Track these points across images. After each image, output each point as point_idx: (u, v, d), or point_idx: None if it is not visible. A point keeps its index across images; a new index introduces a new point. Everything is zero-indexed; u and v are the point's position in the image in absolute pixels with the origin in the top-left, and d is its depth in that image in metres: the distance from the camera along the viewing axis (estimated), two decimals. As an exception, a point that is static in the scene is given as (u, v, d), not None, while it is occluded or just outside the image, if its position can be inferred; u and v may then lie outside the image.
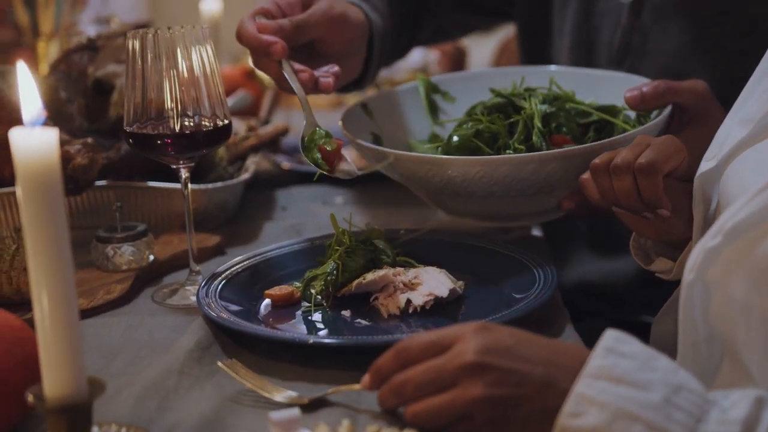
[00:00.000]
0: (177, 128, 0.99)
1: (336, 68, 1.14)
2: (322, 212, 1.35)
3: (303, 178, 1.52)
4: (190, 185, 1.05)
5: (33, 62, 2.33)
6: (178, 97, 1.00)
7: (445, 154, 1.15)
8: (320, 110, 1.68)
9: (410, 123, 1.34)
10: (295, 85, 1.09)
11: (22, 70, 0.72)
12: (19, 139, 0.65)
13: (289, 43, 1.09)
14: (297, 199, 1.46)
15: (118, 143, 1.27)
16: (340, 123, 1.22)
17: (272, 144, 1.52)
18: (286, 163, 1.56)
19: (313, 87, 1.11)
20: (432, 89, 1.35)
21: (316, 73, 1.12)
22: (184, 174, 1.04)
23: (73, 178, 1.15)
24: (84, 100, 1.35)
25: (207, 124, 1.01)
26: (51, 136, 0.66)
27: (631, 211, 0.98)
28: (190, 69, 1.00)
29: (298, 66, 1.10)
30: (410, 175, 1.13)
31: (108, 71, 1.38)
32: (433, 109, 1.35)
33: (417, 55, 2.40)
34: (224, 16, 2.55)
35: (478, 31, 1.74)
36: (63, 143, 1.17)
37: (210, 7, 1.84)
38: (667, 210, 0.95)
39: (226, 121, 1.03)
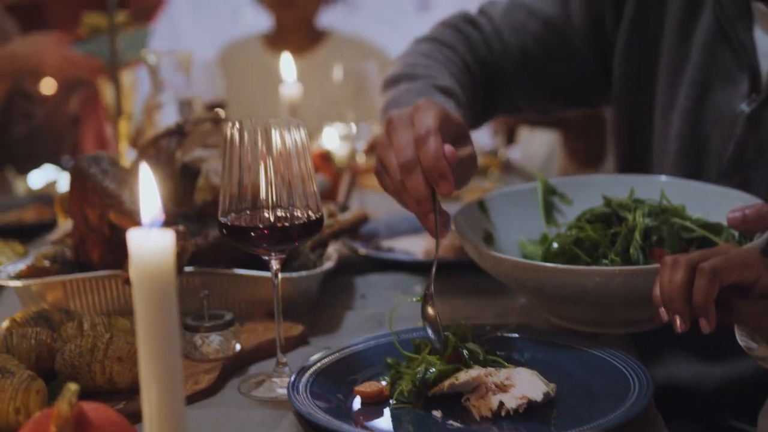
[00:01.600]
0: (271, 220, 1.00)
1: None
2: (402, 301, 1.34)
3: (381, 265, 1.52)
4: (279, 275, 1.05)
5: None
6: (274, 187, 1.01)
7: (544, 260, 1.17)
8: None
9: (525, 222, 1.34)
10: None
11: (143, 170, 0.72)
12: (137, 239, 0.66)
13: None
14: (376, 286, 1.45)
15: (206, 230, 1.28)
16: (453, 224, 1.21)
17: (351, 230, 1.53)
18: (363, 250, 1.56)
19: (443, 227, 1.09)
20: (550, 191, 1.36)
21: None
22: (275, 265, 1.04)
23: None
24: (172, 184, 1.37)
25: (300, 216, 1.01)
26: (168, 238, 0.66)
27: (677, 313, 0.95)
28: (287, 160, 1.01)
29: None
30: (506, 275, 1.16)
31: (195, 156, 1.40)
32: (549, 210, 1.35)
33: (484, 138, 2.42)
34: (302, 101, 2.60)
35: (556, 112, 1.75)
36: (154, 229, 1.18)
37: (289, 92, 1.86)
38: (709, 325, 0.93)
39: (319, 214, 1.03)
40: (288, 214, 1.01)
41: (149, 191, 0.72)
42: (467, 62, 1.45)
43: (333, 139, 2.29)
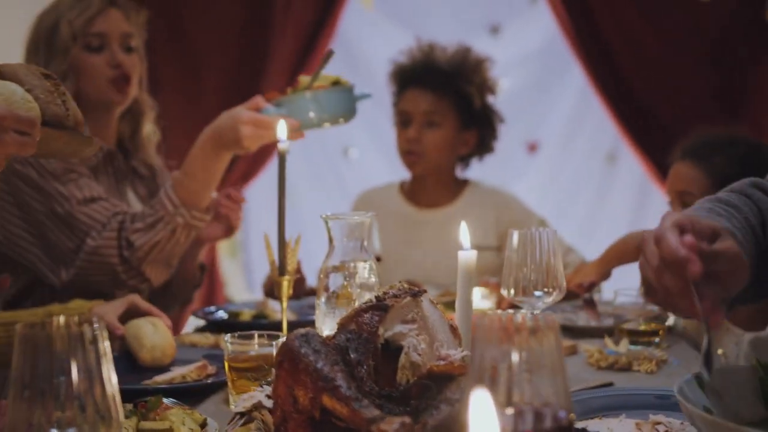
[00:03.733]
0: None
1: None
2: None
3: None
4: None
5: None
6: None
7: None
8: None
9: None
10: None
11: (479, 398, 0.67)
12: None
13: None
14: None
15: (424, 418, 1.22)
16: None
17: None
18: None
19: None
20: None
21: None
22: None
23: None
24: (374, 362, 1.32)
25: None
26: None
27: None
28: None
29: None
30: None
31: (395, 332, 1.35)
32: None
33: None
34: (441, 254, 2.55)
35: None
36: (376, 419, 1.13)
37: (467, 259, 1.75)
38: None
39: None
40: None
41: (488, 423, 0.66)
42: (751, 224, 1.37)
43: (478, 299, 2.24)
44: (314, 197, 4.78)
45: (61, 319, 0.98)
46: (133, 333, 1.87)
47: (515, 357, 0.94)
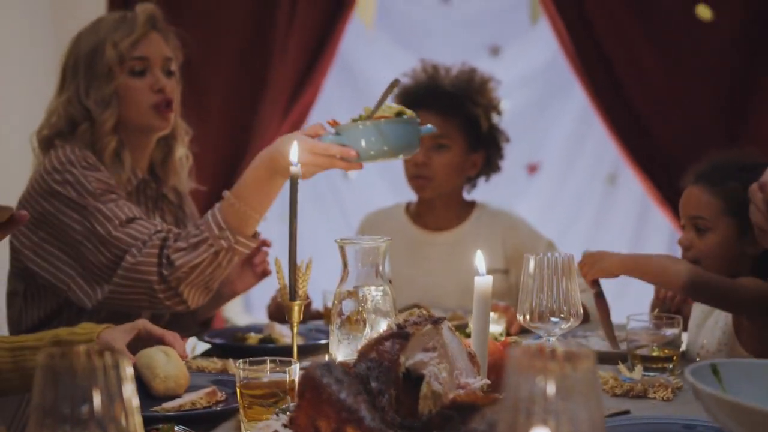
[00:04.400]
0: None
1: None
2: None
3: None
4: None
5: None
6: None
7: None
8: None
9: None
10: None
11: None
12: None
13: None
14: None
15: (451, 451, 1.19)
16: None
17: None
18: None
19: None
20: None
21: None
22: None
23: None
24: (395, 391, 1.29)
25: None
26: None
27: None
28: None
29: None
30: None
31: (417, 360, 1.33)
32: None
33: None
34: (447, 277, 2.52)
35: None
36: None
37: (483, 285, 1.72)
38: None
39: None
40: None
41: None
42: None
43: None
44: (314, 219, 4.76)
45: (82, 348, 0.97)
46: (146, 363, 1.84)
47: (551, 386, 0.92)
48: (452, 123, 2.81)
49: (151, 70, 2.30)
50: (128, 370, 0.97)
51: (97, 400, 0.94)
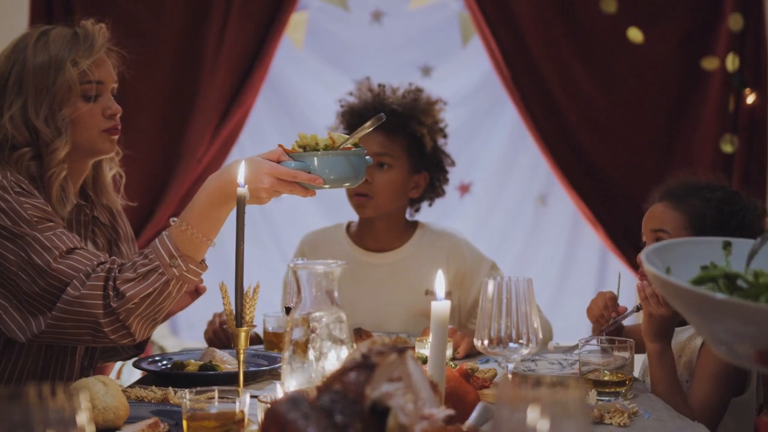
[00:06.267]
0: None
1: None
2: None
3: None
4: None
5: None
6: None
7: None
8: None
9: None
10: None
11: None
12: None
13: None
14: None
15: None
16: None
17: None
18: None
19: None
20: None
21: None
22: None
23: None
24: (361, 425, 1.23)
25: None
26: None
27: None
28: None
29: None
30: None
31: (382, 392, 1.27)
32: None
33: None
34: (391, 298, 2.46)
35: None
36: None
37: (441, 310, 1.67)
38: None
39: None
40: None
41: None
42: None
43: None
44: (246, 242, 4.65)
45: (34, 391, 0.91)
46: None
47: (542, 417, 0.90)
48: (396, 142, 2.77)
49: (102, 95, 2.18)
50: (83, 402, 0.92)
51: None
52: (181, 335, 4.81)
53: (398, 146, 2.77)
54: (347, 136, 1.99)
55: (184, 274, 2.00)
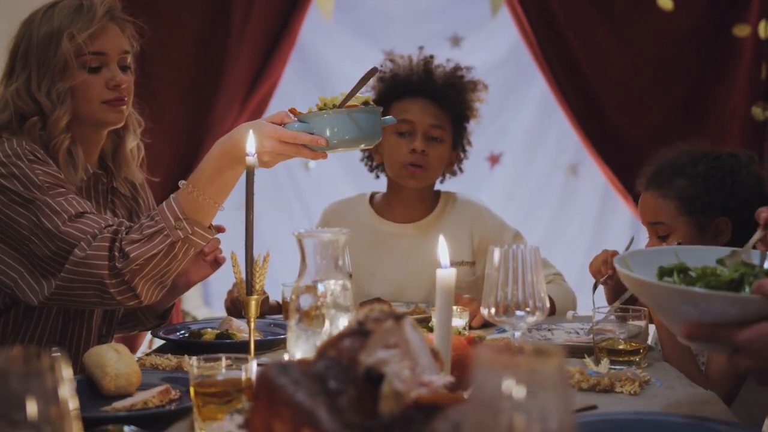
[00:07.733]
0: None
1: None
2: None
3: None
4: None
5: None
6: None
7: None
8: None
9: None
10: None
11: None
12: None
13: None
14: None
15: (412, 453, 1.14)
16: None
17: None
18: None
19: None
20: None
21: None
22: None
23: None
24: (355, 391, 1.23)
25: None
26: None
27: None
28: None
29: None
30: None
31: (377, 358, 1.27)
32: None
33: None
34: (416, 268, 2.45)
35: None
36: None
37: (446, 278, 1.68)
38: None
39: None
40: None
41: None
42: None
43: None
44: (273, 211, 4.68)
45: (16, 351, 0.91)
46: (96, 361, 1.77)
47: (519, 384, 0.88)
48: (445, 116, 2.77)
49: (107, 66, 2.19)
50: (66, 372, 0.92)
51: (31, 404, 0.88)
52: (213, 306, 4.86)
53: (447, 120, 2.78)
54: (362, 96, 1.97)
55: (189, 236, 2.01)
